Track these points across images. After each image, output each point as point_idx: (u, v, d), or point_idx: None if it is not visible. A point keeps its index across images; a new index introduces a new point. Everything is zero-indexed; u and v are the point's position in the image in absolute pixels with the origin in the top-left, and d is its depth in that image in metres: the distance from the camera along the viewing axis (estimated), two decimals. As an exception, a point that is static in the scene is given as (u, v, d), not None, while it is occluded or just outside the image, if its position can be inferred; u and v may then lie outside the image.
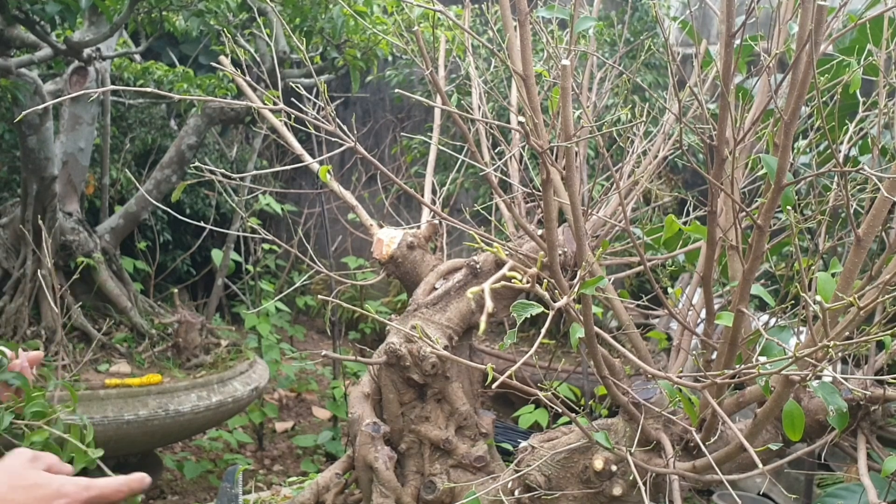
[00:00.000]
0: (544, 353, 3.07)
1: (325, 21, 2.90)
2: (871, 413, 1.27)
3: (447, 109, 1.23)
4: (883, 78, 1.25)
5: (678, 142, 1.30)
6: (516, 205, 1.66)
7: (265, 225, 4.38)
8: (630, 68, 3.22)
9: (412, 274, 1.55)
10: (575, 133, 1.02)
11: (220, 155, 4.66)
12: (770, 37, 1.37)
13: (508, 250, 1.43)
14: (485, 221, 1.90)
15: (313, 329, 5.33)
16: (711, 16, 3.72)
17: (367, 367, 1.57)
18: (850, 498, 1.38)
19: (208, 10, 2.80)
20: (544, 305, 0.95)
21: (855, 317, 0.95)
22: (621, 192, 1.27)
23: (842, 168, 0.99)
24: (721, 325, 1.18)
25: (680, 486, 1.22)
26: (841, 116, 1.36)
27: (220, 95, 3.00)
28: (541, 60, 1.78)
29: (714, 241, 1.18)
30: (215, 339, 3.22)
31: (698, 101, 1.21)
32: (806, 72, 0.91)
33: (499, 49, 1.33)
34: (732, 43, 0.98)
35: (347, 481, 1.54)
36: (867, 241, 1.05)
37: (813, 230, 1.63)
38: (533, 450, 1.36)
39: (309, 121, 1.30)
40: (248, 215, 3.69)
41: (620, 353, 1.31)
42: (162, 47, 4.39)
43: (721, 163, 1.09)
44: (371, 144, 5.21)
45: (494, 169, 1.41)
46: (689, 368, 1.49)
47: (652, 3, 1.53)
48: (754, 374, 0.99)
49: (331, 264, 3.46)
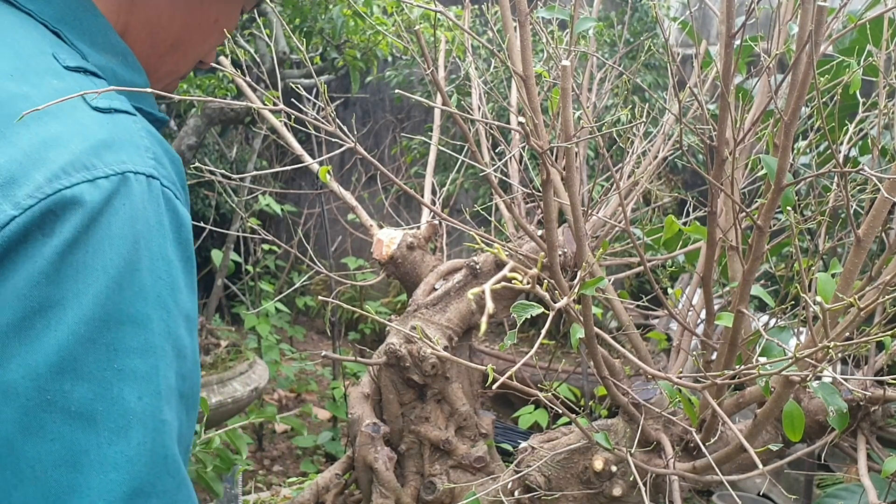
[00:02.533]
0: (544, 353, 3.07)
1: (325, 21, 2.90)
2: (871, 414, 1.27)
3: (447, 110, 1.23)
4: (883, 78, 1.25)
5: (678, 142, 1.30)
6: (516, 205, 1.66)
7: (265, 225, 4.38)
8: (630, 69, 3.22)
9: (412, 274, 1.55)
10: (575, 133, 1.02)
11: (219, 155, 4.65)
12: (770, 37, 1.37)
13: (508, 251, 1.43)
14: (484, 222, 1.90)
15: (313, 329, 5.33)
16: (711, 16, 3.72)
17: (367, 367, 1.57)
18: (850, 498, 1.38)
19: (208, 10, 2.79)
20: (544, 306, 0.95)
21: (855, 317, 0.95)
22: (621, 192, 1.27)
23: (842, 169, 0.99)
24: (721, 325, 1.18)
25: (680, 486, 1.22)
26: (841, 117, 1.36)
27: (219, 96, 3.00)
28: (541, 61, 1.78)
29: (714, 242, 1.18)
30: (215, 340, 3.22)
31: (698, 102, 1.21)
32: (806, 72, 0.91)
33: (499, 49, 1.33)
34: (732, 43, 0.98)
35: (347, 482, 1.54)
36: (867, 241, 1.05)
37: (813, 231, 1.63)
38: (533, 450, 1.36)
39: (309, 121, 1.30)
40: (247, 216, 3.69)
41: (620, 354, 1.31)
42: (162, 48, 4.38)
43: (721, 163, 1.09)
44: (371, 145, 5.21)
45: (494, 169, 1.41)
46: (688, 369, 1.49)
47: (652, 4, 1.53)
48: (754, 375, 0.99)
49: (330, 265, 3.46)
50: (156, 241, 0.59)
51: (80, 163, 0.57)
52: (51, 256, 0.54)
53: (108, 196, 0.57)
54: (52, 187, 0.55)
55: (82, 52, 0.68)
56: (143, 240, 0.58)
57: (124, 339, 0.56)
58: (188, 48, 0.81)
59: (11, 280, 0.54)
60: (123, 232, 0.57)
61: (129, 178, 0.58)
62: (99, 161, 0.57)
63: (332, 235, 4.17)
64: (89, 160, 0.57)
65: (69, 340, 0.54)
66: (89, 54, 0.69)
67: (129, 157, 0.59)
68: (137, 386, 0.57)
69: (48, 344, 0.54)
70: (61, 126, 0.58)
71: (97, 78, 0.67)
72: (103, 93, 0.63)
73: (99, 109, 0.61)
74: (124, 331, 0.56)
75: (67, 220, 0.55)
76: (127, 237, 0.57)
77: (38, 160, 0.56)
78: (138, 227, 0.58)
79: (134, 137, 0.61)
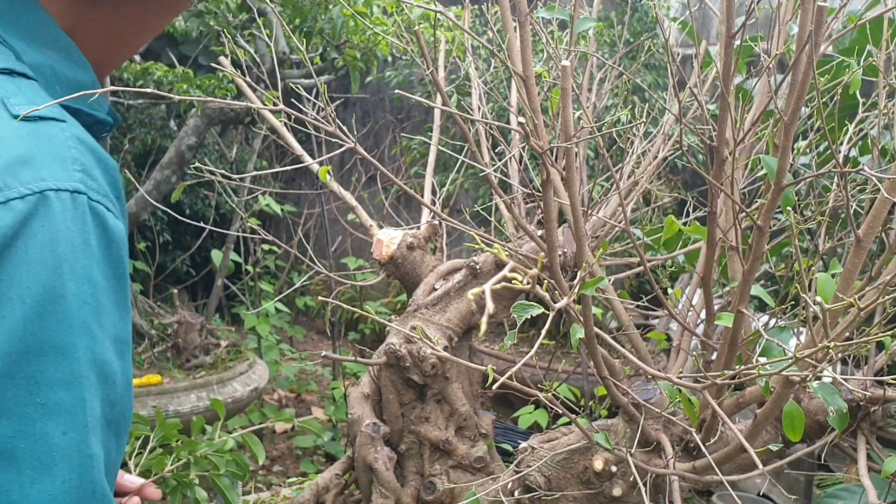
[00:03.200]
0: (544, 353, 3.07)
1: (325, 22, 2.90)
2: (871, 414, 1.27)
3: (447, 110, 1.23)
4: (883, 79, 1.25)
5: (678, 142, 1.30)
6: (516, 205, 1.66)
7: (265, 225, 4.38)
8: (630, 69, 3.22)
9: (412, 274, 1.55)
10: (575, 134, 1.02)
11: (219, 155, 4.66)
12: (770, 37, 1.37)
13: (508, 251, 1.43)
14: (484, 222, 1.90)
15: (313, 330, 5.33)
16: (711, 16, 3.72)
17: (367, 367, 1.57)
18: (850, 498, 1.38)
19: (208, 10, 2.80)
20: (544, 306, 0.95)
21: (855, 317, 0.95)
22: (621, 192, 1.27)
23: (842, 169, 0.99)
24: (721, 325, 1.18)
25: (680, 486, 1.22)
26: (841, 117, 1.36)
27: (219, 96, 2.99)
28: (541, 61, 1.78)
29: (714, 242, 1.18)
30: (215, 340, 3.23)
31: (698, 102, 1.21)
32: (806, 72, 0.91)
33: (499, 50, 1.33)
34: (732, 44, 0.98)
35: (347, 482, 1.54)
36: (867, 241, 1.05)
37: (813, 231, 1.63)
38: (533, 450, 1.36)
39: (309, 121, 1.30)
40: (247, 216, 3.69)
41: (620, 354, 1.31)
42: (161, 48, 4.39)
43: (721, 163, 1.09)
44: (371, 145, 5.21)
45: (494, 169, 1.41)
46: (688, 369, 1.49)
47: (652, 4, 1.53)
48: (754, 375, 0.99)
49: (330, 265, 3.46)
50: (80, 262, 0.55)
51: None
52: None
53: (23, 219, 0.52)
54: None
55: (16, 51, 0.63)
56: (66, 263, 0.54)
57: (46, 371, 0.53)
58: (140, 39, 0.77)
59: None
60: (42, 257, 0.53)
61: (48, 196, 0.54)
62: (13, 180, 0.53)
63: (332, 235, 4.16)
64: (2, 180, 0.53)
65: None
66: (24, 52, 0.63)
67: (51, 173, 0.55)
68: (62, 420, 0.54)
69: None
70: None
71: (25, 79, 0.62)
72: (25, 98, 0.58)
73: (19, 118, 0.56)
74: (46, 362, 0.53)
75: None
76: (47, 262, 0.53)
77: None
78: (60, 249, 0.54)
79: (59, 149, 0.57)
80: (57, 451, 0.53)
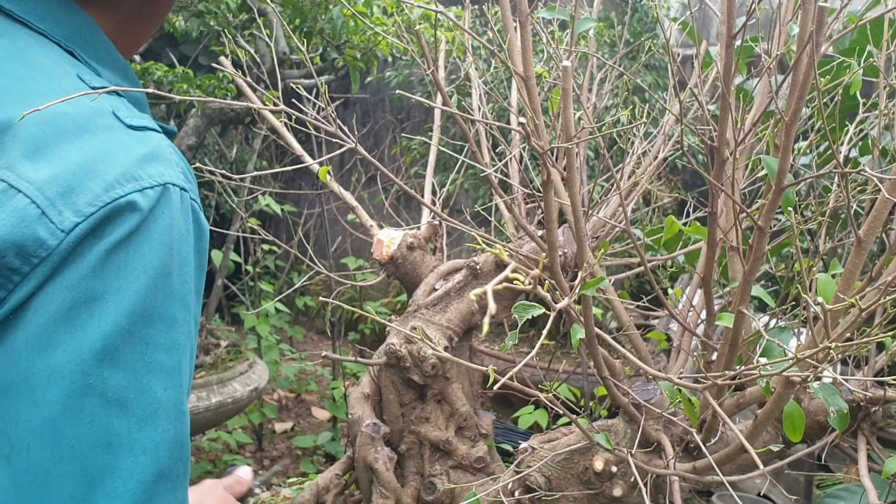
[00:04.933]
0: (544, 354, 3.07)
1: (325, 22, 2.90)
2: (872, 414, 1.27)
3: (447, 110, 1.23)
4: (883, 79, 1.25)
5: (678, 143, 1.30)
6: (516, 205, 1.66)
7: (265, 225, 4.38)
8: (630, 69, 3.22)
9: (412, 275, 1.54)
10: (575, 134, 1.02)
11: (219, 155, 4.66)
12: (770, 38, 1.37)
13: (509, 251, 1.42)
14: (485, 222, 1.90)
15: (313, 330, 5.33)
16: (712, 17, 3.72)
17: (367, 367, 1.57)
18: (850, 499, 1.38)
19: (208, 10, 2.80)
20: (545, 306, 0.95)
21: (856, 318, 0.95)
22: (621, 193, 1.27)
23: (842, 169, 0.99)
24: (721, 326, 1.18)
25: (680, 487, 1.22)
26: (841, 118, 1.36)
27: (219, 96, 2.99)
28: (541, 61, 1.78)
29: (714, 243, 1.18)
30: (215, 340, 3.22)
31: (699, 103, 1.21)
32: (806, 73, 0.91)
33: (499, 50, 1.33)
34: (733, 44, 0.98)
35: (347, 482, 1.54)
36: (868, 242, 1.05)
37: (813, 231, 1.63)
38: (533, 451, 1.36)
39: (309, 121, 1.30)
40: (247, 216, 3.69)
41: (621, 354, 1.31)
42: (162, 48, 4.39)
43: (721, 164, 1.09)
44: (371, 145, 5.21)
45: (495, 170, 1.41)
46: (689, 369, 1.49)
47: (652, 4, 1.53)
48: (755, 376, 0.99)
49: (330, 265, 3.45)
50: (185, 248, 0.65)
51: (130, 174, 0.62)
52: (98, 254, 0.59)
53: (153, 204, 0.62)
54: (110, 196, 0.60)
55: (96, 71, 0.72)
56: (175, 246, 0.64)
57: (155, 335, 0.62)
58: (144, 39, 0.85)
59: (63, 274, 0.59)
60: (162, 237, 0.63)
61: (169, 189, 0.64)
62: (144, 173, 0.63)
63: (332, 235, 4.16)
64: (136, 172, 0.63)
65: (111, 331, 0.59)
66: (101, 72, 0.73)
67: (167, 171, 0.65)
68: (164, 378, 0.62)
69: (93, 332, 0.58)
70: (104, 142, 0.63)
71: (118, 95, 0.71)
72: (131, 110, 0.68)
73: (132, 127, 0.66)
74: (156, 327, 0.62)
75: (119, 224, 0.60)
76: (164, 242, 0.63)
77: (91, 172, 0.61)
78: (173, 234, 0.64)
79: (165, 153, 0.66)
80: (159, 405, 0.62)
